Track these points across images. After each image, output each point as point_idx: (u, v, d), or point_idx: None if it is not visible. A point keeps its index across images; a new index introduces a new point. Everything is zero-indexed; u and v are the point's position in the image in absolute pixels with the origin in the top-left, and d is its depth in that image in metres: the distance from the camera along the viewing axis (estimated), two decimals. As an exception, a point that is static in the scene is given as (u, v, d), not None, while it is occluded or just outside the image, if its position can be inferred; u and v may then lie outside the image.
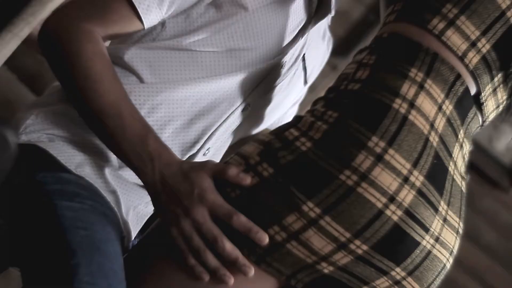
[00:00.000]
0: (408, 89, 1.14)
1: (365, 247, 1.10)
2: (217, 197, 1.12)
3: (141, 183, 1.30)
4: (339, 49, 3.01)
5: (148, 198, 1.33)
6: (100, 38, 1.21)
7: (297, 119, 1.17)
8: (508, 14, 1.21)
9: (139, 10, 1.22)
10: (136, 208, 1.33)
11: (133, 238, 1.32)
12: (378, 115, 1.12)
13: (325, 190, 1.09)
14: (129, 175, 1.28)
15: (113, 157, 1.27)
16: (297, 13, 1.36)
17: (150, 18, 1.24)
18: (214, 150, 1.39)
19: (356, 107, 1.14)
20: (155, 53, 1.28)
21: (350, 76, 1.19)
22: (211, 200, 1.12)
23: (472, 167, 3.26)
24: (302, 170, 1.11)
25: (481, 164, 3.23)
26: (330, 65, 2.96)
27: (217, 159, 1.46)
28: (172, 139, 1.31)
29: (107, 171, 1.27)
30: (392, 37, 1.21)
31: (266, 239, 1.09)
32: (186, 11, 1.28)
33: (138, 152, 1.16)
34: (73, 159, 1.24)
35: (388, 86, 1.14)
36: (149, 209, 1.35)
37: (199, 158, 1.36)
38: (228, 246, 1.10)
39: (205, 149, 1.36)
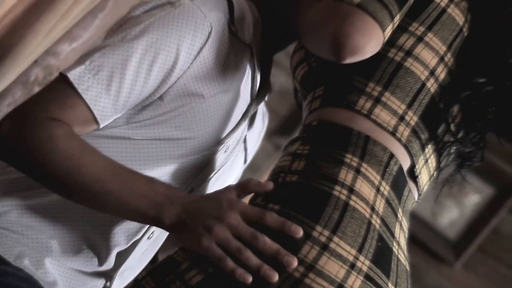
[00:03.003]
0: (345, 175, 1.16)
1: None
2: (246, 204, 1.13)
3: (84, 269, 1.29)
4: (283, 129, 3.04)
5: (92, 283, 1.31)
6: (65, 123, 1.18)
7: None
8: (428, 84, 1.24)
9: (94, 112, 1.20)
10: (79, 293, 1.30)
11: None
12: (319, 204, 1.13)
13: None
14: (72, 261, 1.27)
15: (54, 245, 1.26)
16: (243, 98, 1.38)
17: (106, 120, 1.23)
18: (158, 233, 1.38)
19: (296, 198, 1.15)
20: (98, 142, 1.26)
21: (286, 168, 1.20)
22: (241, 205, 1.12)
23: (416, 242, 3.30)
24: None
25: (426, 239, 3.25)
26: (274, 145, 2.98)
27: (160, 242, 1.46)
28: (118, 225, 1.29)
29: (48, 260, 1.24)
30: (322, 124, 1.23)
31: (301, 232, 1.09)
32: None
33: (152, 200, 1.14)
34: (11, 250, 1.21)
35: (326, 174, 1.16)
36: (92, 294, 1.33)
37: (143, 242, 1.35)
38: (268, 240, 1.09)
39: (150, 232, 1.35)
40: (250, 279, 1.08)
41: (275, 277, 1.07)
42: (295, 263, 1.08)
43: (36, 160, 1.17)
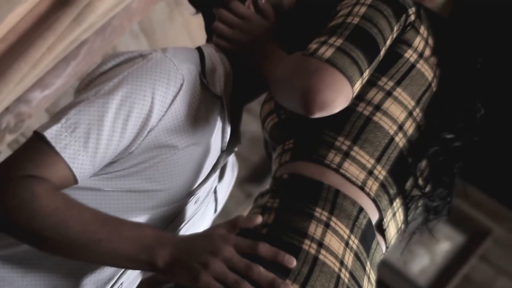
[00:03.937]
0: (315, 229, 1.16)
1: None
2: (237, 237, 1.13)
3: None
4: (254, 177, 3.04)
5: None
6: (45, 179, 1.18)
7: None
8: (397, 139, 1.26)
9: (73, 170, 1.19)
10: None
11: None
12: None
13: None
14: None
15: None
16: (213, 150, 1.38)
17: (84, 177, 1.22)
18: (127, 283, 1.37)
19: None
20: (69, 193, 1.24)
21: None
22: (233, 239, 1.13)
23: (388, 290, 3.28)
24: None
25: (397, 286, 3.25)
26: (245, 193, 2.99)
27: (128, 294, 1.45)
28: (87, 276, 1.28)
29: None
30: (293, 178, 1.24)
31: (294, 262, 1.11)
32: None
33: (143, 244, 1.14)
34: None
35: (295, 228, 1.16)
36: None
37: (111, 294, 1.34)
38: (263, 270, 1.09)
39: (119, 284, 1.34)
40: None
41: None
42: None
43: (20, 220, 1.15)
